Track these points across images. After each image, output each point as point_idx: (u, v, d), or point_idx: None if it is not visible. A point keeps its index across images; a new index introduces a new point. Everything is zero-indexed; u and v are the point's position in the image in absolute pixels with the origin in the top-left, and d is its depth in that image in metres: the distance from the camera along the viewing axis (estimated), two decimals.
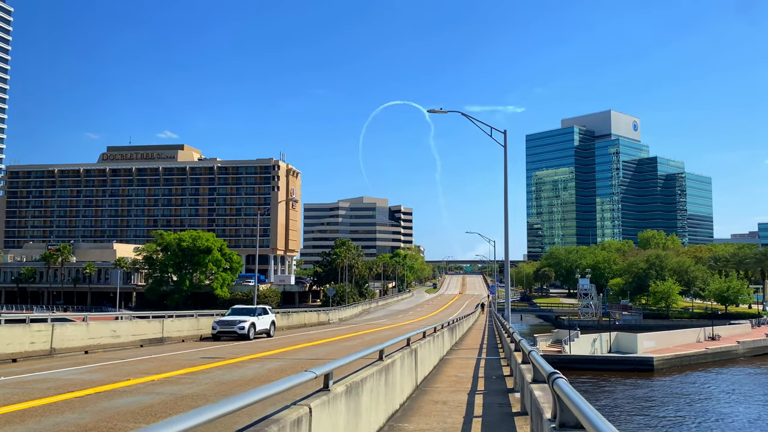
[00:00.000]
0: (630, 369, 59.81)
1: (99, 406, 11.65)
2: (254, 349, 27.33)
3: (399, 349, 13.03)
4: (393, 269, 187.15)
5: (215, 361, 21.50)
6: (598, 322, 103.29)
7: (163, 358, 22.78)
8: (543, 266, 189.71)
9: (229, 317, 34.23)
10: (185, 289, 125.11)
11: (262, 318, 35.52)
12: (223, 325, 33.09)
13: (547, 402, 6.09)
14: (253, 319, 34.13)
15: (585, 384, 52.52)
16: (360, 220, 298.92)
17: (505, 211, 30.15)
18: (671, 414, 41.13)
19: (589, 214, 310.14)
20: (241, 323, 32.93)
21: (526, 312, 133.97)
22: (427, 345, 16.20)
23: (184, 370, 18.62)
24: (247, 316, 34.06)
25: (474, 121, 26.51)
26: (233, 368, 19.32)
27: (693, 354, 65.28)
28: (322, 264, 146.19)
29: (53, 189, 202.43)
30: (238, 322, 33.01)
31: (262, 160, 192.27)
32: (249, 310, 35.71)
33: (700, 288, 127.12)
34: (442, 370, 17.84)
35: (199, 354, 24.80)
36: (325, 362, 7.68)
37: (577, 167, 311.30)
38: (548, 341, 75.73)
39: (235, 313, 35.27)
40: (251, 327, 33.38)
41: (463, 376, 16.35)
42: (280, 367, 19.72)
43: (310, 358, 23.23)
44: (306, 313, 58.14)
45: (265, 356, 23.65)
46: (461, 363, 20.73)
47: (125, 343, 28.03)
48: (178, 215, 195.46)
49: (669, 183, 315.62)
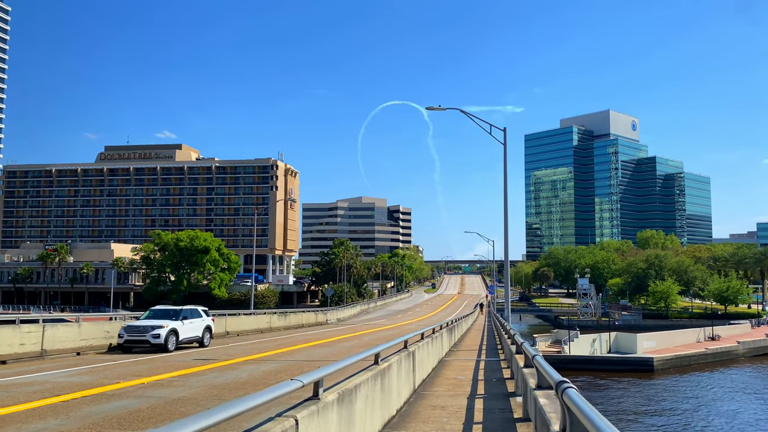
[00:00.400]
0: (630, 369, 59.42)
1: (84, 411, 11.22)
2: (249, 350, 26.90)
3: (396, 352, 12.57)
4: (392, 269, 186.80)
5: (209, 363, 21.09)
6: (598, 322, 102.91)
7: (156, 360, 22.37)
8: (542, 266, 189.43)
9: (142, 321, 26.64)
10: (183, 289, 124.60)
11: (190, 322, 27.89)
12: (133, 332, 25.61)
13: (554, 412, 5.66)
14: (174, 324, 26.52)
15: (584, 384, 52.16)
16: (359, 220, 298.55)
17: (505, 209, 29.74)
18: (673, 415, 40.73)
19: (587, 214, 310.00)
20: (156, 330, 25.51)
21: (525, 312, 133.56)
22: (426, 347, 15.76)
23: (176, 372, 18.20)
24: (165, 321, 26.45)
25: (473, 118, 26.09)
26: (227, 370, 18.90)
27: (693, 354, 64.89)
28: (321, 264, 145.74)
29: (50, 189, 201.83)
30: (152, 328, 25.60)
31: (261, 159, 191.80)
32: (171, 312, 28.06)
33: (700, 288, 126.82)
34: (441, 373, 17.39)
35: (192, 356, 24.37)
36: (318, 366, 7.25)
37: (575, 167, 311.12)
38: (547, 341, 75.38)
39: (152, 316, 27.20)
40: (170, 335, 25.90)
41: (463, 378, 15.88)
42: (275, 369, 19.30)
43: (306, 360, 22.81)
44: (304, 314, 57.74)
45: (261, 358, 23.23)
46: (460, 365, 20.28)
47: None
48: (176, 215, 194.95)
49: (668, 183, 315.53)
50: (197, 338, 28.34)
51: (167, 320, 26.59)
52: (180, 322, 26.92)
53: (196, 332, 28.22)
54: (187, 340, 27.47)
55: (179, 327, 26.68)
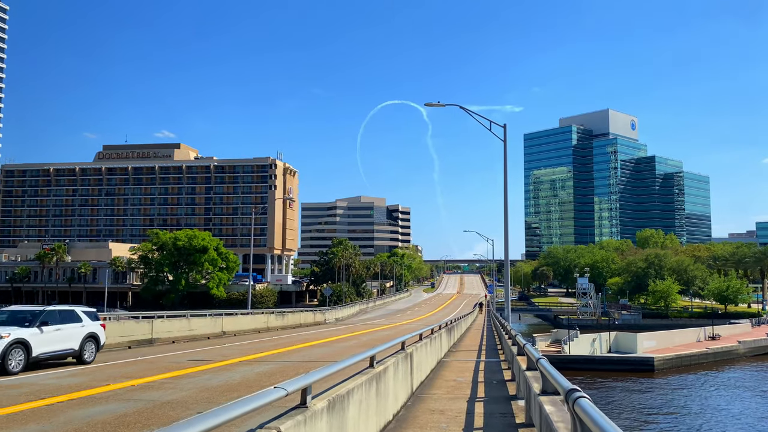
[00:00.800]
0: (630, 369, 59.01)
1: (68, 416, 10.78)
2: (245, 350, 26.45)
3: (393, 354, 12.10)
4: (391, 269, 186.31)
5: (202, 364, 20.65)
6: (597, 322, 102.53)
7: (149, 361, 21.92)
8: (541, 265, 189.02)
9: None
10: (181, 288, 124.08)
11: (57, 330, 19.69)
12: None
13: (561, 421, 5.22)
14: (24, 332, 18.42)
15: (585, 384, 51.74)
16: (358, 220, 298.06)
17: (505, 207, 29.28)
18: (676, 415, 40.31)
19: (587, 213, 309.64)
20: None
21: (525, 311, 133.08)
22: (424, 348, 15.29)
23: (169, 373, 17.76)
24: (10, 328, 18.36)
25: (472, 114, 25.65)
26: (221, 372, 18.45)
27: (694, 354, 64.49)
28: (319, 263, 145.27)
29: (48, 188, 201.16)
30: None
31: (259, 159, 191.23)
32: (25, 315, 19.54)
33: (699, 287, 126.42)
34: (440, 374, 16.92)
35: (186, 356, 23.92)
36: (313, 368, 6.79)
37: (575, 166, 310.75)
38: (547, 341, 74.98)
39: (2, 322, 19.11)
40: (13, 349, 17.83)
41: (462, 380, 15.41)
42: (270, 371, 18.84)
43: (303, 361, 22.37)
44: (302, 313, 57.30)
45: (257, 359, 22.78)
46: (460, 366, 19.82)
47: (111, 345, 27.12)
48: (175, 214, 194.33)
49: (667, 182, 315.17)
50: (71, 351, 20.12)
51: (14, 326, 18.47)
52: (36, 329, 18.74)
53: (67, 343, 19.96)
54: (51, 355, 19.34)
55: (33, 337, 18.55)
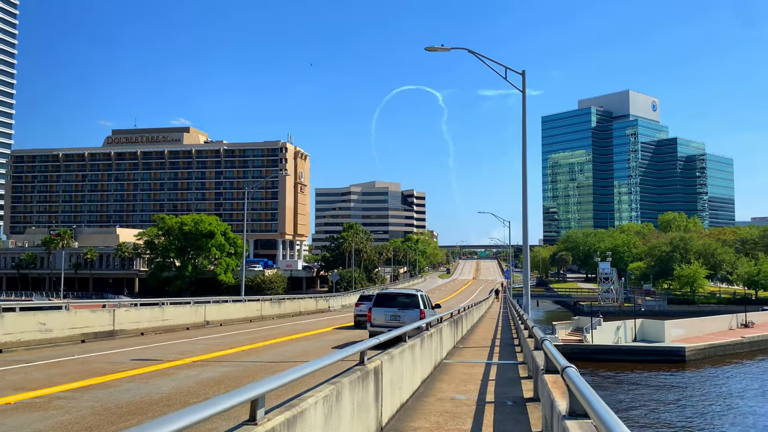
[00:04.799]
0: (660, 360, 54.36)
1: None
2: (212, 346, 22.23)
3: (344, 373, 7.61)
4: (404, 254, 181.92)
5: (145, 365, 16.45)
6: (620, 308, 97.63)
7: (82, 361, 17.74)
8: (560, 250, 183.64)
9: None
10: (188, 274, 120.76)
11: None
12: None
13: None
14: None
15: (609, 379, 47.20)
16: (372, 205, 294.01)
17: (524, 177, 24.64)
18: (713, 413, 35.63)
19: (606, 197, 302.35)
20: None
21: (543, 297, 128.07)
22: (407, 354, 10.78)
23: (83, 381, 13.58)
24: None
25: (484, 59, 21.04)
26: (154, 378, 14.23)
27: (728, 343, 59.61)
28: (330, 248, 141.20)
29: (58, 173, 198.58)
30: None
31: (269, 142, 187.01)
32: None
33: (728, 272, 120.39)
34: (434, 388, 12.39)
35: (137, 353, 19.72)
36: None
37: (594, 149, 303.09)
38: (568, 329, 70.70)
39: None
40: None
41: (463, 400, 10.85)
42: (219, 377, 14.56)
43: (271, 361, 18.11)
44: (302, 300, 53.16)
45: (215, 359, 18.51)
46: (464, 372, 15.33)
47: (59, 339, 23.02)
48: (185, 199, 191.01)
49: (689, 165, 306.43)
50: None
51: None
52: None
53: None
54: None
55: None
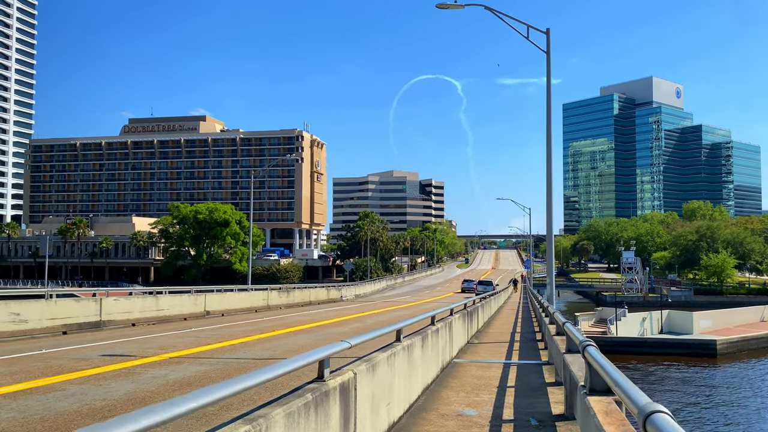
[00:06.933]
0: (689, 353, 51.57)
1: None
2: (202, 339, 20.08)
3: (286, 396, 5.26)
4: (422, 243, 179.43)
5: (110, 363, 14.27)
6: (645, 299, 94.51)
7: (44, 357, 15.64)
8: (581, 239, 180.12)
9: None
10: (203, 263, 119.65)
11: None
12: None
13: None
14: None
15: (637, 372, 44.55)
16: (390, 195, 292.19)
17: (548, 158, 22.10)
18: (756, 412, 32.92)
19: (628, 186, 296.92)
20: None
21: (564, 287, 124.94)
22: (400, 358, 8.32)
23: (29, 382, 11.45)
24: None
25: (502, 16, 18.51)
26: (116, 378, 12.04)
27: (762, 336, 56.57)
28: (346, 238, 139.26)
29: (75, 163, 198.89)
30: None
31: (286, 130, 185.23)
32: None
33: (758, 261, 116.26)
34: (439, 397, 9.93)
35: (111, 348, 17.60)
36: None
37: (616, 137, 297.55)
38: (591, 320, 68.03)
39: None
40: None
41: (474, 416, 8.27)
42: (190, 378, 12.34)
43: (260, 357, 15.87)
44: (313, 290, 51.01)
45: (194, 354, 16.29)
46: (477, 375, 12.91)
47: (35, 330, 21.05)
48: (201, 188, 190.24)
49: (714, 152, 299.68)
50: None
51: None
52: None
53: None
54: None
55: None
